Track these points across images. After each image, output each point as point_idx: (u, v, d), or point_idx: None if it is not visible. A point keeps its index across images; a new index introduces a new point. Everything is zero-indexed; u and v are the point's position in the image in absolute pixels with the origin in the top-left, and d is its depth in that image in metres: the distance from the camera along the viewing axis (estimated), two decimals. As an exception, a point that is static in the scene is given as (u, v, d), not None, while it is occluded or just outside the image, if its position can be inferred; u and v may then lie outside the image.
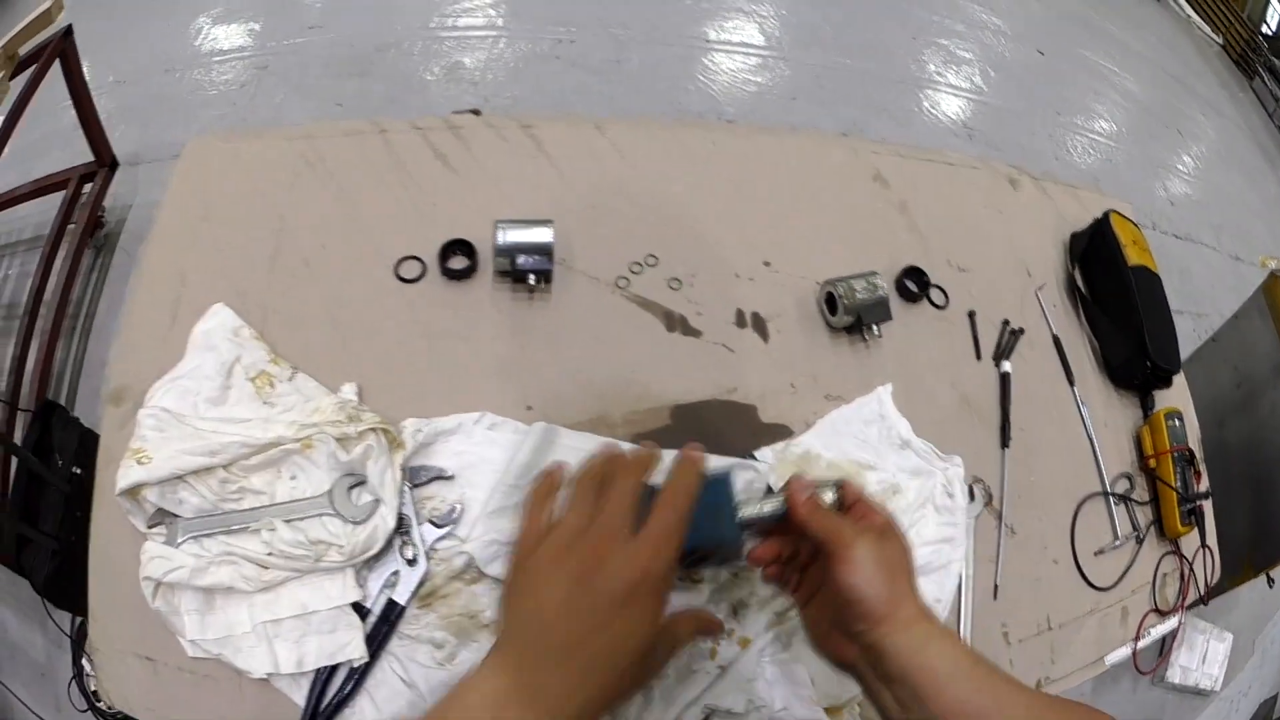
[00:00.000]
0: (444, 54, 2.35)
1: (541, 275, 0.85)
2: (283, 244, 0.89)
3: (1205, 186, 2.76)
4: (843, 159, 1.02)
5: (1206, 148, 2.92)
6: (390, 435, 0.78)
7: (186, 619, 0.73)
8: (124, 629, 0.73)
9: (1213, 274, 2.50)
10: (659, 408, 0.84)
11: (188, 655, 0.71)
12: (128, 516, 0.76)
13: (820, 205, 0.99)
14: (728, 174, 1.00)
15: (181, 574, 0.73)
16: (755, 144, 1.02)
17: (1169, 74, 3.07)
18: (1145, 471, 1.00)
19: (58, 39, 1.55)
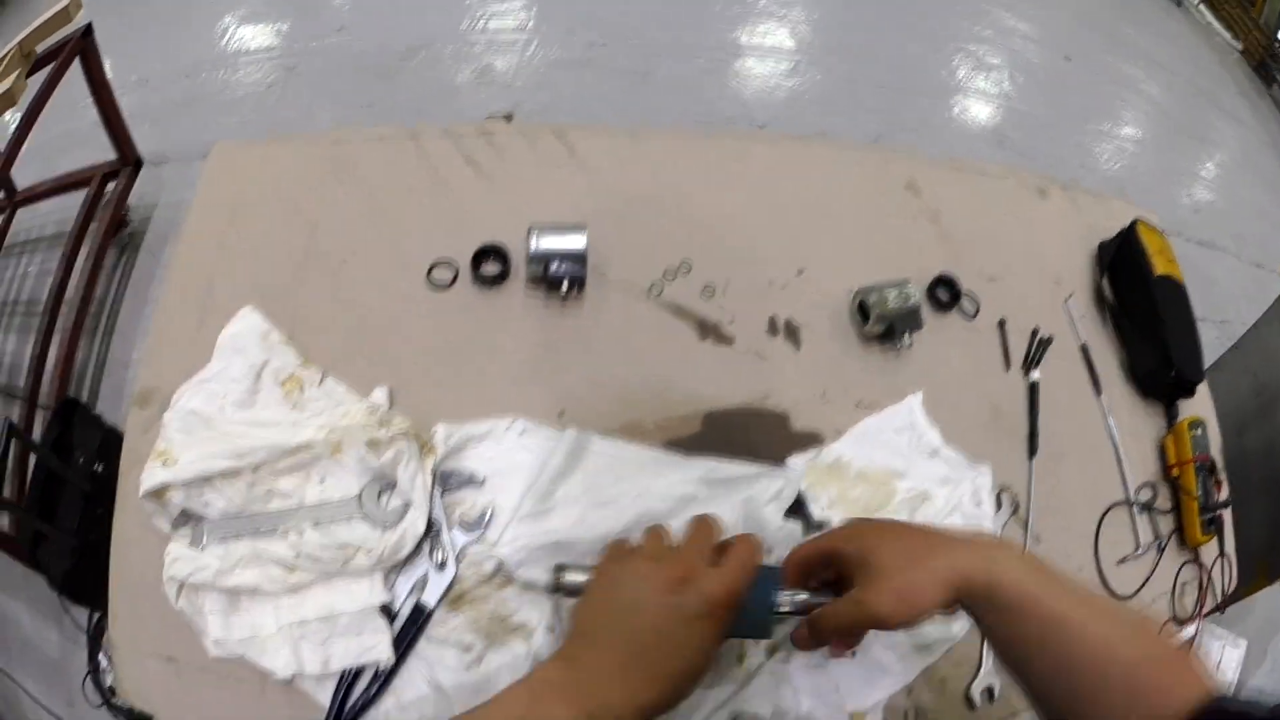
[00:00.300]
0: (474, 57, 2.31)
1: (575, 282, 0.83)
2: (312, 248, 0.87)
3: (1227, 194, 2.72)
4: (875, 167, 1.01)
5: (1228, 155, 2.88)
6: (421, 440, 0.77)
7: (210, 619, 0.72)
8: (145, 629, 0.72)
9: (1234, 282, 2.46)
10: (691, 415, 0.82)
11: (210, 656, 0.70)
12: (151, 518, 0.74)
13: (852, 214, 0.98)
14: (761, 182, 0.98)
15: (206, 575, 0.72)
16: (787, 152, 1.01)
17: (1190, 81, 3.01)
18: (1168, 481, 0.98)
19: (77, 37, 1.53)
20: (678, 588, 0.54)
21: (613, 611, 0.55)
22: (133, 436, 0.80)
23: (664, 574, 0.55)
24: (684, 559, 0.57)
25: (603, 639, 0.54)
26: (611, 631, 0.54)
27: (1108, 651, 0.51)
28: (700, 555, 0.58)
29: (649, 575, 0.56)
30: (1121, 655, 0.51)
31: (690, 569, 0.56)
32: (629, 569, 0.57)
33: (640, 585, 0.55)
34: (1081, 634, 0.52)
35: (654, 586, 0.55)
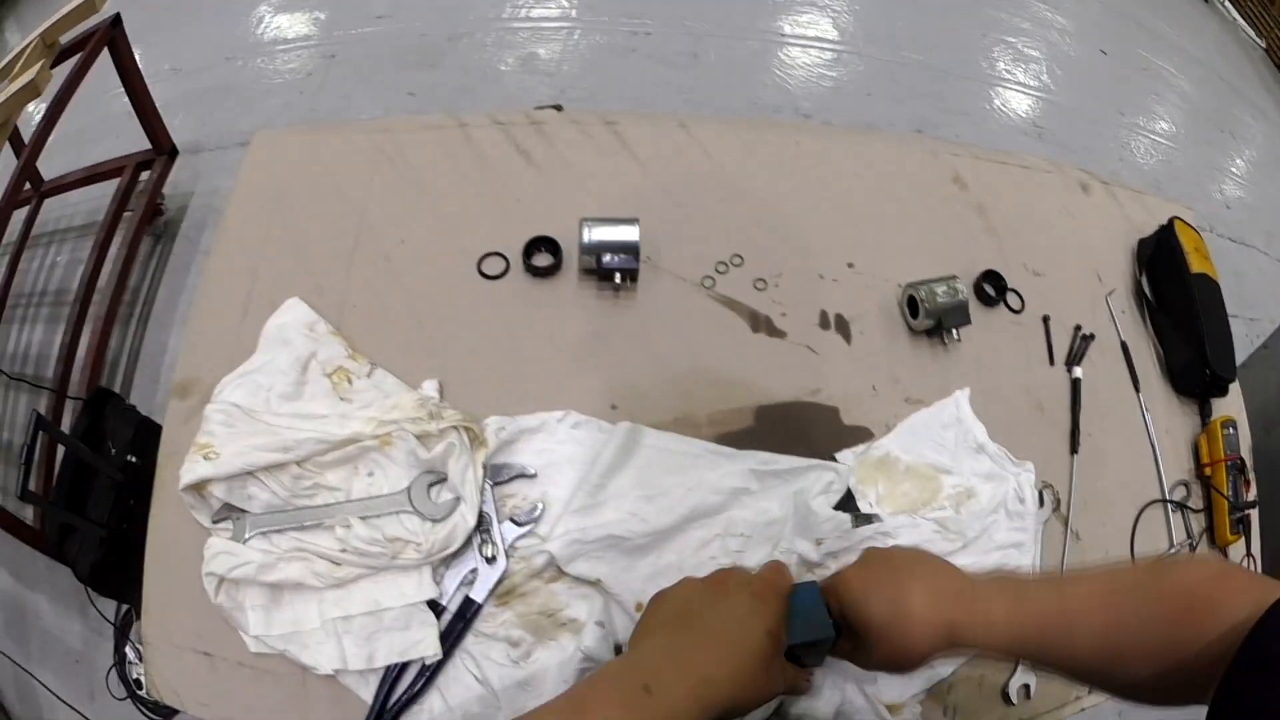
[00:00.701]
0: (518, 44, 2.26)
1: (627, 274, 0.81)
2: (362, 238, 0.85)
3: (1256, 191, 2.68)
4: (921, 160, 0.99)
5: (1256, 151, 2.83)
6: (473, 433, 0.74)
7: (251, 615, 0.71)
8: (179, 624, 0.70)
9: (1265, 279, 2.43)
10: (743, 408, 0.81)
11: (248, 650, 0.69)
12: (190, 511, 0.72)
13: (901, 206, 0.97)
14: (811, 174, 0.97)
15: (248, 570, 0.70)
16: (836, 144, 0.99)
17: (1220, 76, 2.97)
18: (1200, 479, 0.97)
19: (105, 27, 1.50)
20: (720, 580, 0.60)
21: (660, 613, 0.58)
22: (172, 428, 0.77)
23: (703, 579, 0.61)
24: (719, 573, 0.62)
25: (654, 635, 0.56)
26: (662, 627, 0.57)
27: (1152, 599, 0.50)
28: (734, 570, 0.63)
29: (689, 582, 0.61)
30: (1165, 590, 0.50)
31: (728, 572, 0.62)
32: (674, 587, 0.61)
33: (684, 590, 0.60)
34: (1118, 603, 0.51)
35: (696, 587, 0.60)
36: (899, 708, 0.74)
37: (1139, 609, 0.51)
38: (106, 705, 1.49)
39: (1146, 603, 0.51)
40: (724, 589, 0.58)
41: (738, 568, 0.66)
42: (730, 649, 0.54)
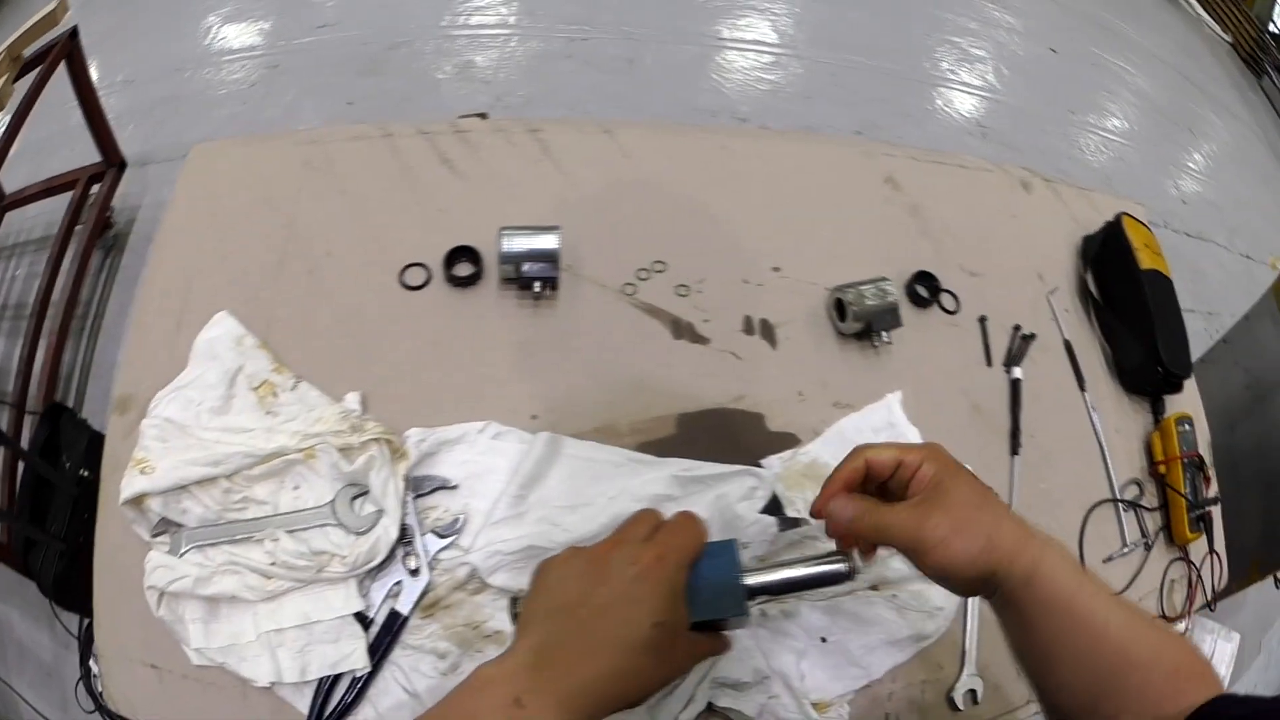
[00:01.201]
0: (456, 52, 2.30)
1: (547, 282, 0.83)
2: (289, 250, 0.87)
3: (1217, 186, 2.73)
4: (854, 162, 1.00)
5: (1218, 147, 2.89)
6: (393, 445, 0.77)
7: (191, 628, 0.73)
8: (129, 636, 0.72)
9: (1224, 273, 2.47)
10: (665, 416, 0.82)
11: (192, 663, 0.71)
12: (131, 526, 0.74)
13: (831, 209, 0.98)
14: (737, 178, 0.98)
15: (185, 583, 0.72)
16: (765, 147, 1.00)
17: (1180, 73, 3.02)
18: (1155, 477, 0.98)
19: (64, 40, 1.53)
20: (603, 558, 0.54)
21: (540, 598, 0.54)
22: (113, 443, 0.80)
23: (589, 552, 0.55)
24: (611, 540, 0.57)
25: (531, 628, 0.52)
26: (539, 618, 0.53)
27: (1130, 655, 0.52)
28: (631, 536, 0.56)
29: (574, 557, 0.55)
30: (1143, 659, 0.52)
31: (614, 543, 0.56)
32: (557, 559, 0.56)
33: (565, 568, 0.55)
34: (1105, 635, 0.52)
35: (578, 565, 0.55)
36: (826, 706, 0.75)
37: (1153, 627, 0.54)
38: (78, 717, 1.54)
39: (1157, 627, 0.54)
40: (605, 569, 0.53)
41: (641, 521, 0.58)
42: (609, 646, 0.50)
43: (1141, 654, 0.52)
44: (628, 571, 0.53)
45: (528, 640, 0.51)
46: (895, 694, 0.78)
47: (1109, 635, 0.52)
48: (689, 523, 0.58)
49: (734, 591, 0.57)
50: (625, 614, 0.51)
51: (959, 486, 0.56)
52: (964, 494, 0.56)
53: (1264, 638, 1.92)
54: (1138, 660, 0.52)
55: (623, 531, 0.58)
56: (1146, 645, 0.53)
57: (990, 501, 0.57)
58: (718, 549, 0.58)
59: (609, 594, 0.52)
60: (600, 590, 0.52)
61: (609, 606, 0.51)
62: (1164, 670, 0.52)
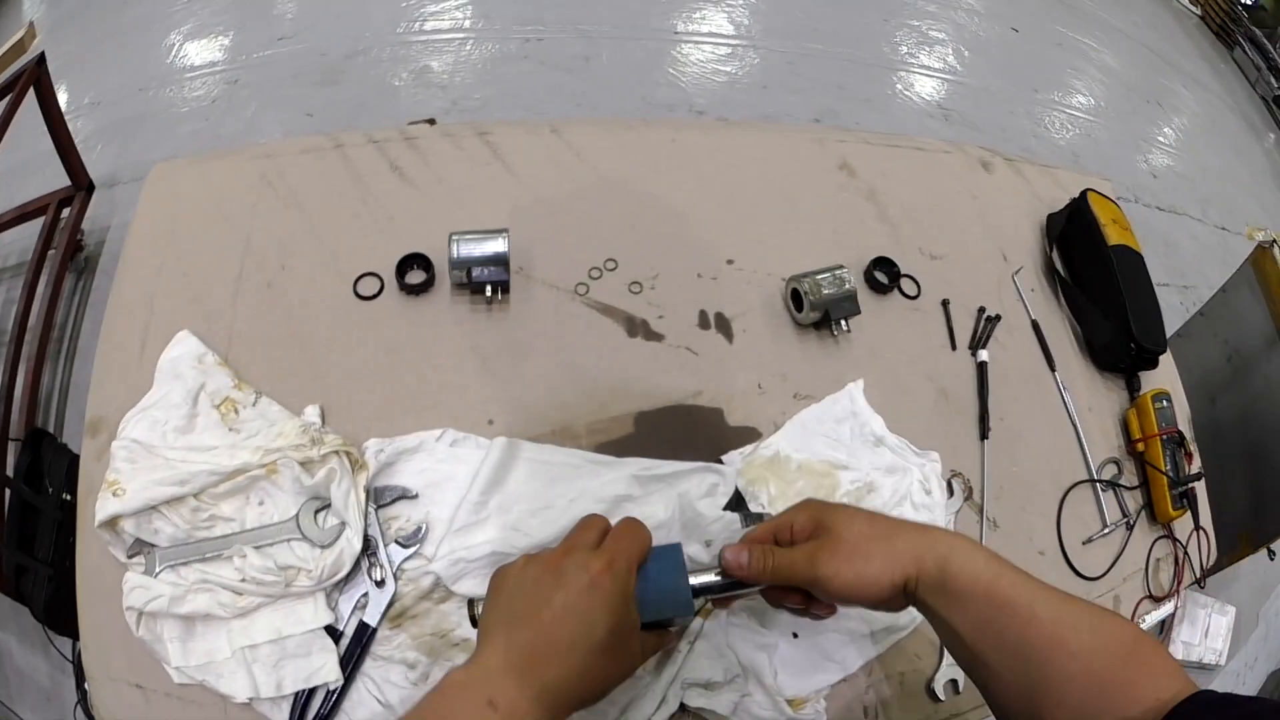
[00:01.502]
0: (412, 59, 2.34)
1: (499, 285, 0.84)
2: (246, 266, 0.89)
3: (1189, 159, 2.76)
4: (807, 150, 1.00)
5: (1189, 120, 2.92)
6: (353, 457, 0.78)
7: (170, 646, 0.74)
8: (114, 656, 0.74)
9: (1199, 246, 2.49)
10: (622, 415, 0.83)
11: (174, 681, 0.72)
12: (109, 548, 0.76)
13: (785, 198, 0.98)
14: (689, 171, 0.98)
15: (161, 603, 0.74)
16: (717, 139, 1.01)
17: (1148, 48, 3.05)
18: (1134, 456, 0.98)
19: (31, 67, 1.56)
20: (556, 565, 0.57)
21: (500, 606, 0.58)
22: (87, 465, 0.82)
23: (542, 560, 0.59)
24: (562, 547, 0.60)
25: (495, 633, 0.55)
26: (501, 624, 0.56)
27: (1065, 641, 0.52)
28: (580, 543, 0.60)
29: (528, 565, 0.59)
30: (1081, 645, 0.52)
31: (568, 548, 0.59)
32: (513, 567, 0.60)
33: (522, 575, 0.58)
34: (1033, 618, 0.53)
35: (533, 573, 0.58)
36: (801, 702, 0.76)
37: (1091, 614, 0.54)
38: (79, 739, 1.57)
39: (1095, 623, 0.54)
40: (559, 576, 0.57)
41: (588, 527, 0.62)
42: (570, 649, 0.54)
43: (1080, 641, 0.52)
44: (581, 579, 0.56)
45: (493, 646, 0.54)
46: (873, 686, 0.79)
47: (1037, 621, 0.53)
48: (634, 528, 0.62)
49: (680, 594, 0.61)
50: (583, 618, 0.55)
51: (841, 519, 0.61)
52: (849, 524, 0.60)
53: (1261, 609, 1.92)
54: (1075, 648, 0.52)
55: (572, 539, 0.61)
56: (1084, 631, 0.53)
57: (879, 521, 0.61)
58: (664, 553, 0.62)
59: (565, 600, 0.55)
60: (557, 596, 0.55)
61: (567, 612, 0.55)
62: (1110, 657, 0.51)
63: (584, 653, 0.54)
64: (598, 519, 0.63)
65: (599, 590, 0.56)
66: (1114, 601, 0.91)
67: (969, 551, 0.57)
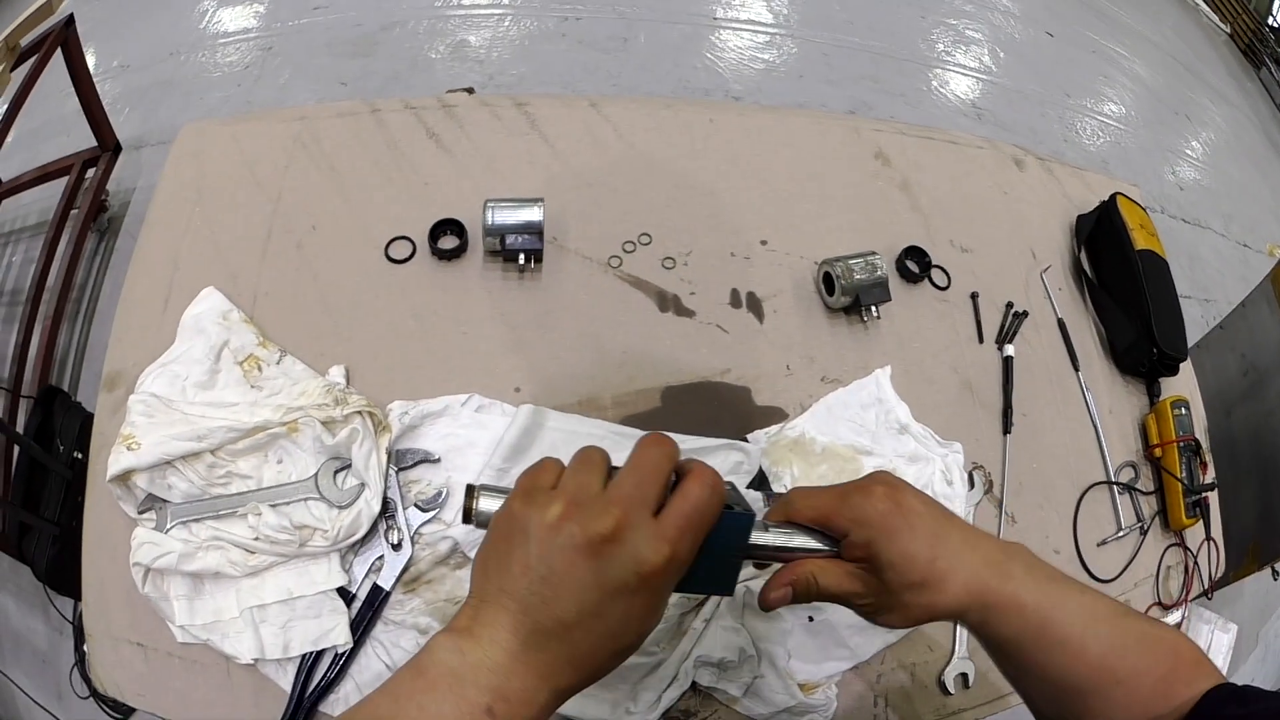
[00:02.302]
0: (449, 32, 2.31)
1: (532, 254, 0.83)
2: (275, 226, 0.87)
3: (1214, 173, 2.75)
4: (843, 137, 0.99)
5: (1215, 135, 2.91)
6: (376, 418, 0.76)
7: (175, 605, 0.73)
8: (116, 615, 0.72)
9: (1221, 260, 2.48)
10: (649, 389, 0.82)
11: (177, 641, 0.71)
12: (119, 503, 0.74)
13: (820, 184, 0.97)
14: (725, 152, 0.97)
15: (170, 559, 0.72)
16: (754, 122, 0.99)
17: (1178, 60, 3.06)
18: (1150, 461, 0.97)
19: (59, 29, 1.55)
20: (602, 549, 0.41)
21: (517, 574, 0.42)
22: (102, 420, 0.80)
23: (586, 529, 0.41)
24: (615, 506, 0.42)
25: (505, 610, 0.42)
26: (516, 601, 0.42)
27: (1115, 669, 0.49)
28: (640, 501, 0.43)
29: (566, 529, 0.42)
30: (1128, 669, 0.49)
31: (621, 523, 0.42)
32: (543, 517, 0.42)
33: (553, 543, 0.42)
34: (1084, 651, 0.49)
35: (573, 545, 0.41)
36: (812, 688, 0.75)
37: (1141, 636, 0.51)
38: (73, 704, 1.54)
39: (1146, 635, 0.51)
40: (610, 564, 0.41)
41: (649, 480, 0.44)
42: (589, 657, 0.43)
43: (1127, 666, 0.49)
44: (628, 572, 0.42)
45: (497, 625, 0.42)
46: (884, 676, 0.78)
47: (1087, 655, 0.50)
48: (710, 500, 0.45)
49: (730, 576, 0.50)
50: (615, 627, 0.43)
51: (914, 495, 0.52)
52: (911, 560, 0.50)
53: (1261, 630, 1.91)
54: (1123, 674, 0.49)
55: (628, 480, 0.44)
56: (1132, 655, 0.50)
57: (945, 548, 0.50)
58: (732, 522, 0.48)
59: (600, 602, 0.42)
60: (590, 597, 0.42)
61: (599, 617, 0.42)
62: (1154, 678, 0.49)
63: (607, 657, 0.43)
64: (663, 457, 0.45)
65: (644, 597, 0.43)
66: (1126, 605, 0.89)
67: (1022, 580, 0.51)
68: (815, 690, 0.75)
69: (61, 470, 1.38)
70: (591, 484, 0.44)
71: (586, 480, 0.45)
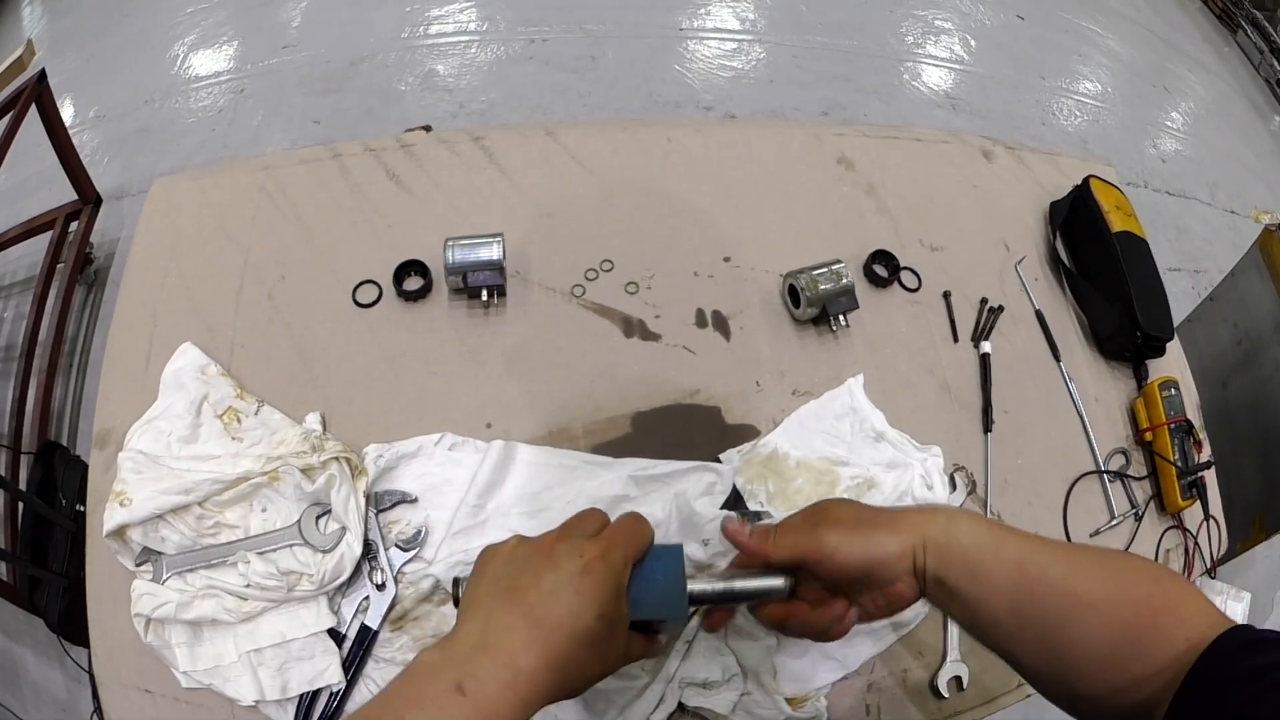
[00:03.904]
0: (418, 63, 2.39)
1: (494, 290, 0.86)
2: (247, 278, 0.91)
3: (1196, 143, 2.79)
4: (805, 144, 1.02)
5: (1195, 104, 2.95)
6: (352, 463, 0.80)
7: (177, 652, 0.77)
8: (124, 663, 0.77)
9: (1209, 230, 2.50)
10: (619, 416, 0.85)
11: (182, 686, 0.75)
12: (117, 557, 0.79)
13: (783, 194, 0.99)
14: (684, 170, 1.00)
15: (168, 609, 0.77)
16: (713, 137, 1.02)
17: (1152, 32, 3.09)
18: (1141, 446, 0.98)
19: (31, 84, 1.60)
20: (549, 548, 0.56)
21: (485, 583, 0.55)
22: (95, 477, 0.85)
23: (535, 541, 0.57)
24: (558, 532, 0.59)
25: (475, 611, 0.53)
26: (483, 602, 0.54)
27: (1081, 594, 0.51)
28: (577, 530, 0.59)
29: (520, 544, 0.57)
30: (1098, 595, 0.50)
31: (563, 535, 0.58)
32: (503, 546, 0.58)
33: (512, 554, 0.57)
34: (1045, 578, 0.52)
35: (524, 552, 0.56)
36: (801, 701, 0.77)
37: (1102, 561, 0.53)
38: (96, 752, 1.61)
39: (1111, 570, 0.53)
40: (551, 558, 0.55)
41: (588, 518, 0.60)
42: (553, 633, 0.51)
43: (1097, 591, 0.51)
44: (574, 563, 0.54)
45: (472, 624, 0.52)
46: (876, 683, 0.80)
47: (1049, 579, 0.52)
48: (635, 523, 0.60)
49: (676, 595, 0.59)
50: (571, 603, 0.52)
51: (837, 502, 0.61)
52: (846, 506, 0.60)
53: (1276, 595, 1.91)
54: (1093, 599, 0.50)
55: (569, 525, 0.59)
56: (1100, 581, 0.51)
57: (876, 509, 0.60)
58: (664, 552, 0.61)
59: (555, 581, 0.53)
60: (547, 577, 0.53)
61: (555, 594, 0.53)
62: (1132, 603, 0.50)
63: (567, 640, 0.52)
64: (598, 512, 0.62)
65: (591, 576, 0.54)
66: (1124, 595, 0.91)
67: (970, 521, 0.57)
68: (805, 703, 0.77)
69: (66, 523, 1.44)
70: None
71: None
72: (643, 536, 0.60)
